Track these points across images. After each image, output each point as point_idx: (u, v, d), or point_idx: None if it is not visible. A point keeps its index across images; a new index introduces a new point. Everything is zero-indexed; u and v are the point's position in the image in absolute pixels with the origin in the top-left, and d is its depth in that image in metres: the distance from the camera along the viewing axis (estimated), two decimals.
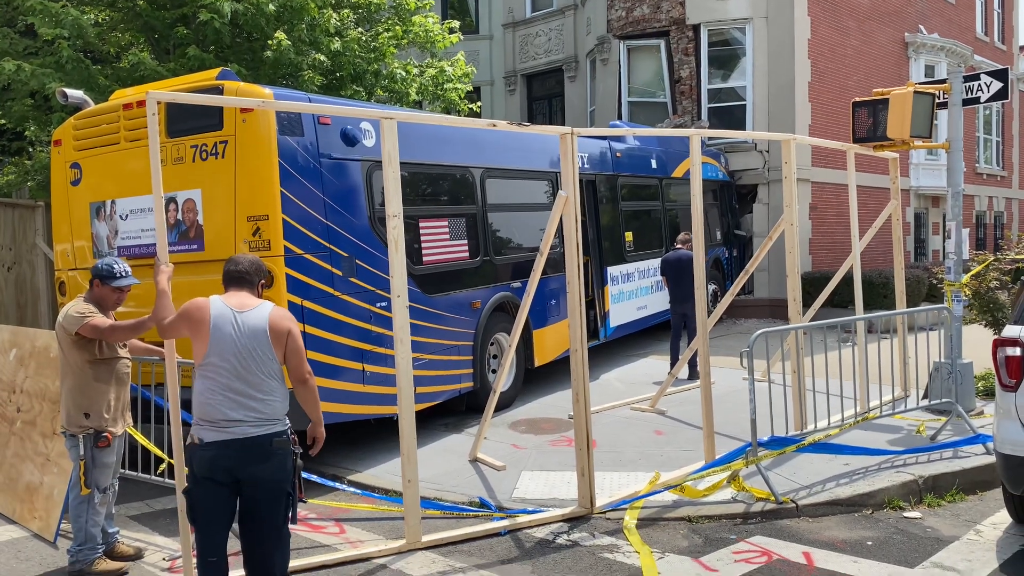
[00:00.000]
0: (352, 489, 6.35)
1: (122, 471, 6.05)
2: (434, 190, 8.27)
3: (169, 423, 4.71)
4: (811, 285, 12.79)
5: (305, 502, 4.57)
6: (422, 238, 7.82)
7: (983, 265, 9.11)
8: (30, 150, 14.25)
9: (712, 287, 13.49)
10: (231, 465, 3.96)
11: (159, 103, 4.69)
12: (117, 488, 5.13)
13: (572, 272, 5.82)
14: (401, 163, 7.29)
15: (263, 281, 4.31)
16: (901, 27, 19.51)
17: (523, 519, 5.60)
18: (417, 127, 7.68)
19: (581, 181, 10.76)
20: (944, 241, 8.21)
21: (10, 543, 5.42)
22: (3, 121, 12.11)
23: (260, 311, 4.09)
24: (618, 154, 11.81)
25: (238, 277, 4.19)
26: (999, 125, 25.21)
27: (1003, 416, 4.93)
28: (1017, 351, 4.77)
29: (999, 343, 4.92)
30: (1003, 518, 5.48)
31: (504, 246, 9.01)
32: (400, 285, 5.16)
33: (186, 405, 5.20)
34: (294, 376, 4.13)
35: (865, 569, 4.72)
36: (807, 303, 8.94)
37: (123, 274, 5.06)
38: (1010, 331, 4.94)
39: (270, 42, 10.22)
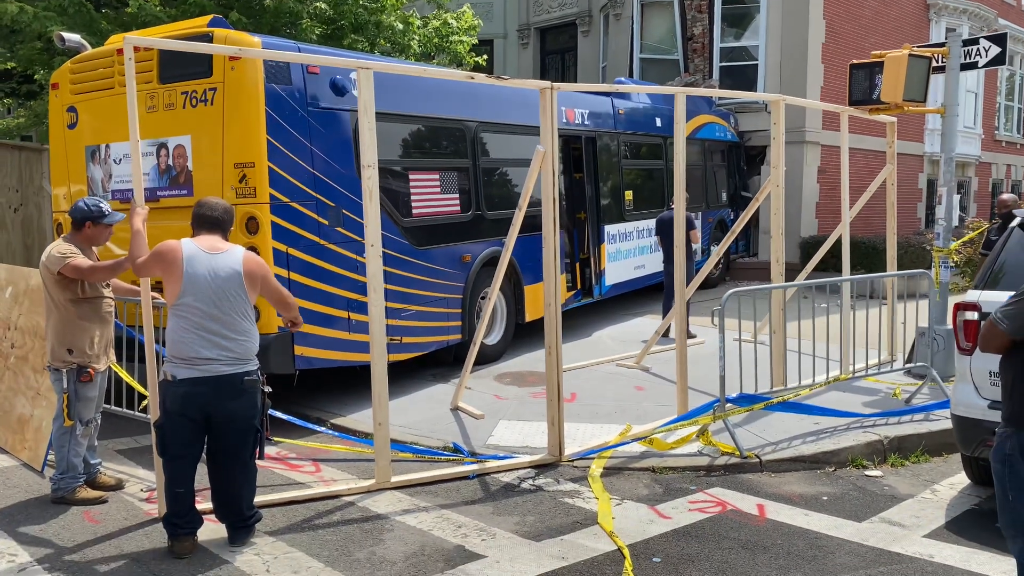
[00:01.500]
0: (333, 432, 6.55)
1: (113, 408, 6.30)
2: (426, 143, 8.33)
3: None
4: (815, 249, 12.76)
5: (272, 440, 4.78)
6: (412, 190, 7.91)
7: (976, 232, 9.09)
8: (39, 92, 14.39)
9: (714, 248, 13.50)
10: (204, 401, 4.17)
11: (138, 48, 4.78)
12: (99, 421, 5.35)
13: (548, 228, 5.91)
14: (392, 114, 7.49)
15: (231, 228, 4.51)
16: None
17: (492, 464, 5.77)
18: (412, 79, 7.73)
19: (580, 138, 10.81)
20: (936, 207, 8.18)
21: (1, 471, 5.67)
22: (11, 64, 12.24)
23: (233, 254, 4.28)
24: (621, 111, 11.77)
25: (212, 221, 4.38)
26: (1022, 91, 24.73)
27: (959, 379, 5.01)
28: (975, 315, 4.83)
29: (959, 307, 4.98)
30: (962, 479, 5.59)
31: (497, 201, 9.08)
32: (374, 234, 5.27)
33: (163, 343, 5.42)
34: (278, 303, 4.55)
35: (814, 521, 4.86)
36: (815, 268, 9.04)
37: (109, 211, 5.26)
38: (970, 295, 4.99)
39: None
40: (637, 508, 5.07)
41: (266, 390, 4.49)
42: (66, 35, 7.78)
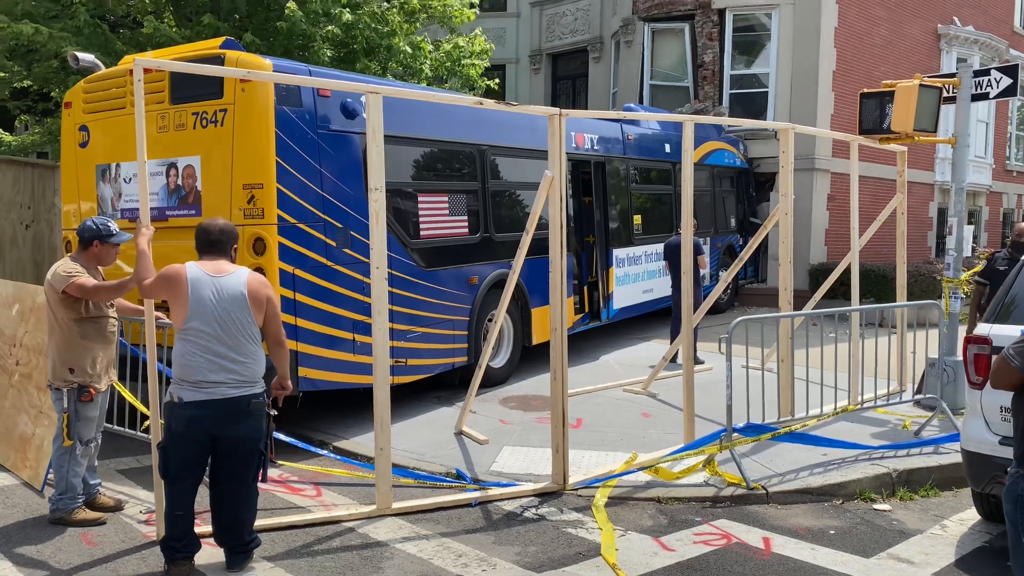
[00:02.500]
0: (335, 456, 6.51)
1: (115, 427, 6.28)
2: (435, 165, 8.35)
3: (159, 381, 4.87)
4: (824, 276, 12.72)
5: (275, 463, 4.73)
6: (420, 212, 7.91)
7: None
8: (54, 110, 14.54)
9: (722, 274, 13.46)
10: (210, 424, 4.14)
11: (149, 70, 4.80)
12: (100, 441, 5.32)
13: (555, 252, 5.89)
14: (402, 137, 7.51)
15: (235, 246, 4.46)
16: (934, 18, 19.13)
17: (495, 492, 5.71)
18: (422, 103, 7.75)
19: (590, 162, 10.82)
20: (947, 237, 8.12)
21: (1, 490, 5.64)
22: (27, 82, 12.36)
23: (238, 276, 4.24)
24: (630, 137, 11.79)
25: (212, 243, 4.35)
26: None
27: (969, 413, 4.94)
28: (985, 349, 4.77)
29: (969, 340, 4.92)
30: (972, 515, 5.49)
31: (505, 224, 9.07)
32: (379, 256, 5.26)
33: (168, 364, 5.41)
34: (272, 339, 4.35)
35: (821, 556, 4.77)
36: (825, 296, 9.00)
37: (116, 230, 5.29)
38: (981, 329, 4.93)
39: (288, 8, 10.30)
40: (641, 540, 5.00)
41: (271, 413, 4.45)
42: (80, 55, 7.86)
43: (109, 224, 5.26)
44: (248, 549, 4.46)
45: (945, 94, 8.02)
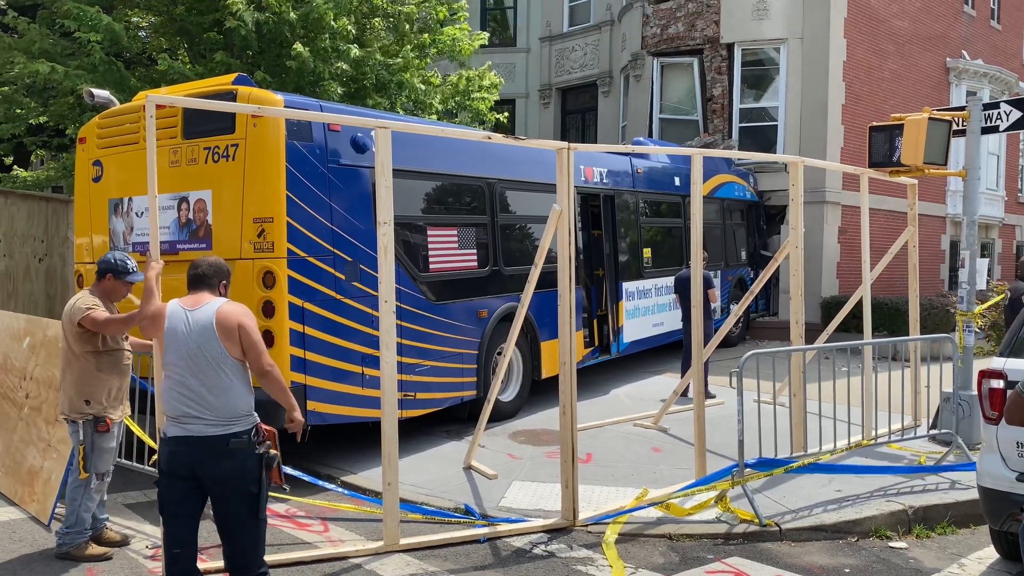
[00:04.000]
0: (343, 490, 6.45)
1: (123, 461, 6.25)
2: (445, 199, 8.38)
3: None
4: (835, 309, 12.63)
5: (286, 490, 4.59)
6: (430, 246, 7.93)
7: (1001, 296, 8.94)
8: (69, 146, 14.75)
9: (734, 307, 13.40)
10: (189, 461, 3.96)
11: (161, 106, 4.86)
12: (111, 476, 5.30)
13: (564, 286, 5.87)
14: (412, 171, 7.55)
15: (224, 282, 4.31)
16: (943, 52, 19.23)
17: (504, 528, 5.64)
18: (431, 137, 7.81)
19: (599, 195, 10.85)
20: (960, 270, 8.07)
21: (7, 524, 5.62)
22: (43, 119, 12.54)
23: (208, 308, 4.06)
24: (639, 170, 11.83)
25: (197, 279, 4.23)
26: None
27: (985, 449, 4.86)
28: (1000, 384, 4.70)
29: (984, 375, 4.86)
30: (991, 553, 5.38)
31: (515, 257, 9.08)
32: (388, 290, 5.26)
33: None
34: (254, 369, 4.11)
35: None
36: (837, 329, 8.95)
37: (134, 269, 5.32)
38: (995, 363, 4.87)
39: (293, 50, 10.46)
40: None
41: (260, 450, 4.08)
42: (95, 91, 7.98)
43: (127, 261, 5.31)
44: None
45: (955, 127, 8.03)
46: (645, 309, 11.71)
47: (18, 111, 12.58)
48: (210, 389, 3.96)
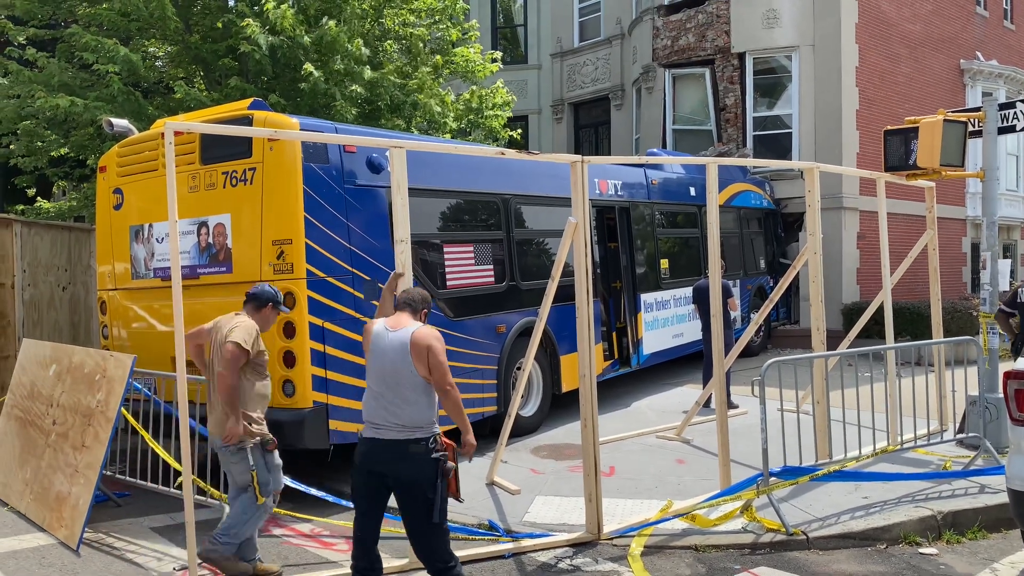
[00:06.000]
0: None
1: (150, 485, 6.30)
2: (461, 216, 8.43)
3: (192, 437, 4.89)
4: (857, 316, 12.53)
5: (462, 502, 5.00)
6: (447, 262, 7.97)
7: None
8: (90, 176, 14.98)
9: (754, 316, 13.33)
10: (376, 460, 4.49)
11: (180, 133, 4.93)
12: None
13: (581, 298, 5.88)
14: (427, 189, 7.61)
15: (425, 311, 4.80)
16: (957, 54, 19.13)
17: (528, 543, 5.63)
18: (446, 155, 7.87)
19: (614, 208, 10.86)
20: (981, 272, 7.99)
21: (36, 550, 5.67)
22: (65, 150, 12.74)
23: (406, 330, 4.54)
24: (654, 181, 11.84)
25: (405, 303, 4.78)
26: None
27: (1014, 451, 4.80)
28: None
29: (1009, 376, 4.80)
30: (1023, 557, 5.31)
31: (532, 271, 9.09)
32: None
33: (202, 420, 5.47)
34: (437, 387, 4.54)
35: None
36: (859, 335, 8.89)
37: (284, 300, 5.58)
38: (1021, 364, 4.81)
39: (304, 70, 10.58)
40: None
41: (440, 456, 4.45)
42: (115, 120, 8.12)
43: (280, 294, 5.49)
44: (450, 575, 4.55)
45: (971, 128, 7.98)
46: (664, 320, 11.68)
47: (39, 144, 12.81)
48: (400, 400, 4.44)
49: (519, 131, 14.96)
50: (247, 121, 6.70)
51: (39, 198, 14.91)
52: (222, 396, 5.00)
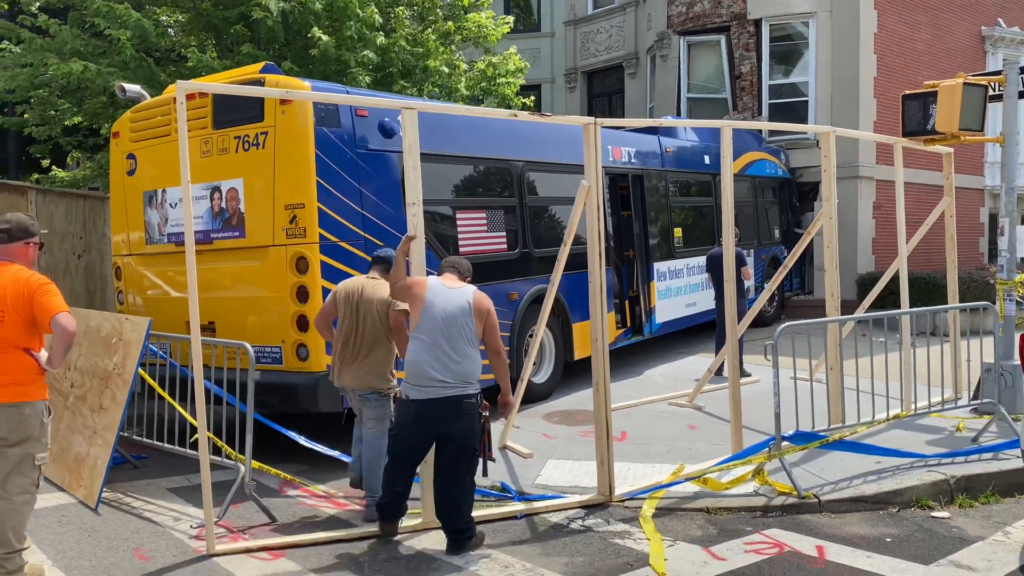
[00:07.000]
0: None
1: (167, 446, 6.36)
2: (473, 182, 8.39)
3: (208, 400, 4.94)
4: (871, 286, 12.42)
5: (494, 460, 5.44)
6: (458, 229, 7.96)
7: None
8: (103, 145, 15.00)
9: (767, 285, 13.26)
10: (429, 420, 4.79)
11: (192, 96, 4.92)
12: None
13: (594, 263, 5.87)
14: (439, 155, 7.57)
15: (468, 278, 5.24)
16: (978, 20, 18.78)
17: (540, 504, 5.67)
18: (459, 121, 7.82)
19: (627, 176, 10.79)
20: (999, 239, 7.91)
21: (56, 508, 5.76)
22: (78, 119, 12.76)
23: (466, 290, 5.00)
24: (668, 149, 11.74)
25: (451, 266, 5.23)
26: None
27: None
28: None
29: None
30: None
31: (544, 239, 9.07)
32: (418, 273, 5.28)
33: (217, 382, 5.55)
34: (490, 348, 4.97)
35: (877, 563, 4.64)
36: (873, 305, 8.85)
37: None
38: None
39: (314, 36, 10.51)
40: (691, 549, 4.91)
41: (484, 414, 4.93)
42: (127, 86, 8.11)
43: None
44: (462, 538, 4.85)
45: (991, 92, 7.86)
46: (677, 289, 11.65)
47: (53, 112, 12.83)
48: (453, 353, 4.76)
49: (532, 98, 14.85)
50: (259, 84, 6.66)
51: (53, 167, 14.95)
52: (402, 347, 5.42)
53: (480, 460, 5.02)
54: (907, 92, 8.15)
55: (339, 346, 5.61)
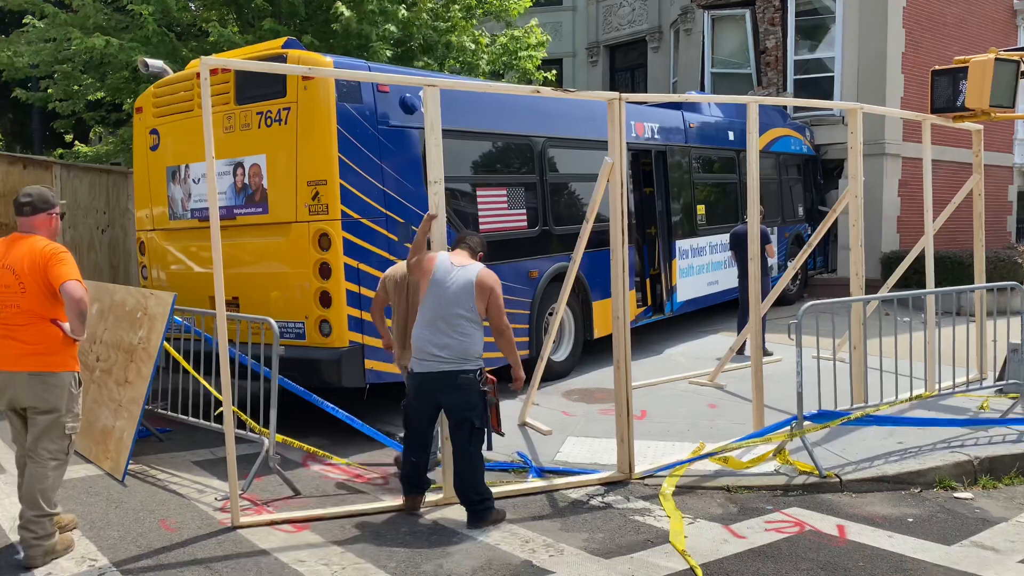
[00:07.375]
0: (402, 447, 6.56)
1: (192, 419, 6.44)
2: (493, 159, 8.36)
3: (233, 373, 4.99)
4: (896, 265, 12.26)
5: (503, 435, 5.55)
6: (479, 206, 7.94)
7: None
8: (126, 120, 15.07)
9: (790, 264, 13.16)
10: (428, 390, 4.96)
11: (216, 71, 4.92)
12: None
13: (616, 240, 5.84)
14: (460, 131, 7.54)
15: (481, 254, 5.29)
16: None
17: (560, 480, 5.70)
18: (481, 97, 7.78)
19: (650, 152, 10.70)
20: None
21: (83, 480, 5.87)
22: (101, 94, 12.82)
23: (473, 268, 5.03)
24: (692, 125, 11.62)
25: (464, 243, 5.28)
26: None
27: None
28: None
29: None
30: None
31: (565, 217, 9.03)
32: (440, 250, 5.28)
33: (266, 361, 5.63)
34: (494, 326, 5.05)
35: (899, 544, 4.62)
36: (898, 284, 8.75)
37: None
38: None
39: (335, 9, 10.46)
40: (711, 527, 4.92)
41: (486, 388, 4.98)
42: (150, 61, 8.13)
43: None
44: (477, 509, 4.95)
45: (1023, 68, 7.70)
46: (699, 267, 11.58)
47: (76, 88, 12.89)
48: (450, 331, 4.86)
49: (553, 73, 14.73)
50: (281, 60, 6.66)
51: (77, 142, 15.06)
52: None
53: (486, 433, 5.10)
54: (937, 68, 8.00)
55: (399, 331, 5.73)
